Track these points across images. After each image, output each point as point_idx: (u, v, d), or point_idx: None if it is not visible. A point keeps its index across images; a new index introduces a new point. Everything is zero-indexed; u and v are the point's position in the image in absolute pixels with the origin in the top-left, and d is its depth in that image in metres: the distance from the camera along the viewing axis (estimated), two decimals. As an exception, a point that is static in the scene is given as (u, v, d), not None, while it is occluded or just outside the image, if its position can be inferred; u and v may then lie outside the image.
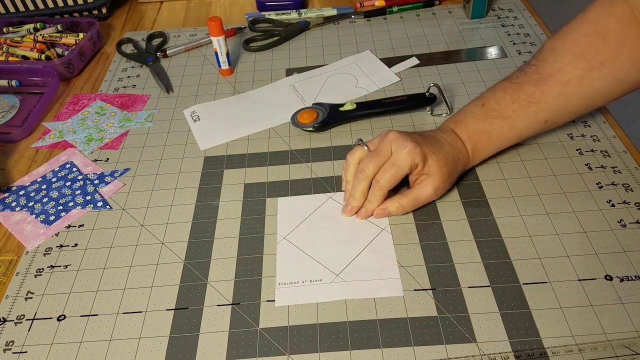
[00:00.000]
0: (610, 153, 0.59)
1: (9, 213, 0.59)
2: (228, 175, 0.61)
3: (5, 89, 0.77)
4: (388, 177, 0.52)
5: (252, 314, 0.47)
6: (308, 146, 0.64)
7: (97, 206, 0.59)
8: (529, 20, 0.82)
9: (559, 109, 0.54)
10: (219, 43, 0.73)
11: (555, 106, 0.54)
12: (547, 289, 0.47)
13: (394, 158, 0.52)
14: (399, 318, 0.46)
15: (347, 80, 0.74)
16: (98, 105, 0.73)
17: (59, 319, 0.48)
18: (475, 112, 0.56)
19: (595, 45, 0.52)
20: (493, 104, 0.55)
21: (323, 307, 0.47)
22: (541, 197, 0.55)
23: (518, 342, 0.43)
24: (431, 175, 0.53)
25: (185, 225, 0.55)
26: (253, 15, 0.89)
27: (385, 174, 0.52)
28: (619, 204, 0.53)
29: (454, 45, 0.78)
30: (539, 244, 0.51)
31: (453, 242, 0.52)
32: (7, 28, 0.86)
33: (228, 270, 0.51)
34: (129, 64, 0.81)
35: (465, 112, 0.57)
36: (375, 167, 0.52)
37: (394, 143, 0.52)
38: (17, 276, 0.52)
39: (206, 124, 0.68)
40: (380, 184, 0.52)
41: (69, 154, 0.66)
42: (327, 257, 0.51)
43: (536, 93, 0.54)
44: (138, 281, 0.51)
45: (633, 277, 0.47)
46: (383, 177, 0.52)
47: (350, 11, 0.87)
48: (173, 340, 0.46)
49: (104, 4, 0.90)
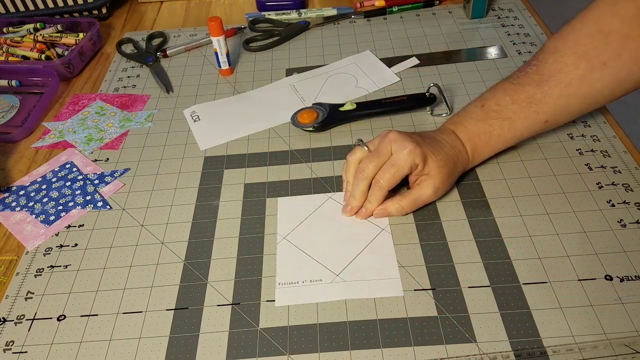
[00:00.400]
0: (610, 153, 0.59)
1: (9, 213, 0.59)
2: (228, 175, 0.61)
3: (5, 89, 0.77)
4: (388, 177, 0.52)
5: (252, 314, 0.47)
6: (308, 146, 0.64)
7: (97, 206, 0.59)
8: (529, 20, 0.82)
9: (559, 109, 0.54)
10: (219, 43, 0.73)
11: (556, 107, 0.54)
12: (547, 289, 0.47)
13: (394, 158, 0.52)
14: (399, 318, 0.46)
15: (347, 80, 0.74)
16: (98, 105, 0.73)
17: (59, 319, 0.48)
18: (475, 113, 0.56)
19: (598, 45, 0.51)
20: (493, 105, 0.55)
21: (323, 307, 0.47)
22: (541, 197, 0.55)
23: (518, 342, 0.43)
24: (431, 176, 0.53)
25: (185, 225, 0.55)
26: (253, 15, 0.89)
27: (385, 174, 0.52)
28: (619, 204, 0.53)
29: (454, 45, 0.78)
30: (539, 244, 0.51)
31: (453, 242, 0.52)
32: (7, 28, 0.86)
33: (228, 270, 0.51)
34: (129, 64, 0.81)
35: (465, 113, 0.57)
36: (375, 167, 0.52)
37: (394, 143, 0.52)
38: (17, 276, 0.52)
39: (206, 124, 0.68)
40: (380, 184, 0.52)
41: (69, 154, 0.66)
42: (327, 257, 0.51)
43: (537, 94, 0.53)
44: (138, 281, 0.51)
45: (633, 277, 0.47)
46: (383, 178, 0.52)
47: (350, 11, 0.87)
48: (173, 340, 0.46)
49: (104, 4, 0.90)
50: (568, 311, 0.45)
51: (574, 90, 0.53)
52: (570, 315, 0.45)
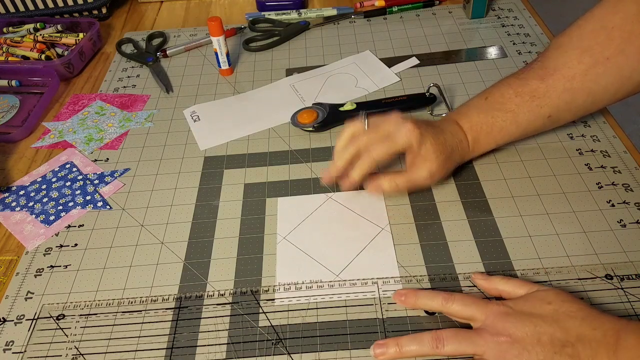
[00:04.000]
0: (610, 153, 0.59)
1: (9, 213, 0.59)
2: (228, 175, 0.61)
3: (5, 89, 0.77)
4: (379, 148, 0.51)
5: (252, 313, 0.47)
6: (308, 146, 0.64)
7: (97, 206, 0.59)
8: (529, 20, 0.82)
9: (563, 104, 0.54)
10: (219, 43, 0.73)
11: (559, 101, 0.54)
12: (547, 289, 0.47)
13: (391, 134, 0.52)
14: (399, 317, 0.46)
15: (347, 80, 0.74)
16: (98, 105, 0.73)
17: (59, 319, 0.48)
18: (478, 105, 0.56)
19: (601, 40, 0.52)
20: (497, 97, 0.55)
21: (323, 307, 0.47)
22: (541, 197, 0.55)
23: (518, 342, 0.43)
24: (428, 159, 0.52)
25: (185, 225, 0.55)
26: (253, 15, 0.89)
27: (377, 146, 0.51)
28: (619, 204, 0.53)
29: (454, 45, 0.78)
30: (539, 244, 0.51)
31: (453, 242, 0.52)
32: (7, 28, 0.86)
33: (228, 270, 0.51)
34: (129, 64, 0.81)
35: (469, 104, 0.57)
36: (369, 140, 0.52)
37: (394, 122, 0.52)
38: (17, 276, 0.52)
39: (206, 124, 0.68)
40: (369, 153, 0.52)
41: (69, 154, 0.66)
42: (327, 257, 0.51)
43: (540, 87, 0.54)
44: (138, 281, 0.51)
45: (633, 276, 0.47)
46: (374, 148, 0.51)
47: (350, 11, 0.87)
48: (173, 339, 0.46)
49: (104, 4, 0.90)
50: (568, 311, 0.45)
51: (577, 84, 0.53)
52: (570, 315, 0.45)
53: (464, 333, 0.42)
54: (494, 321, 0.41)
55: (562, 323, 0.39)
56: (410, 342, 0.42)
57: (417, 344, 0.42)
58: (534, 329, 0.39)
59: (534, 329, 0.39)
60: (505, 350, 0.39)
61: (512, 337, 0.40)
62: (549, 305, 0.41)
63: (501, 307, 0.42)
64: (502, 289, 0.45)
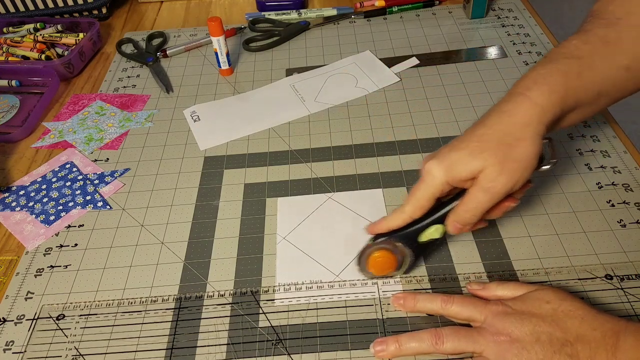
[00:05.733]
0: (610, 153, 0.59)
1: (9, 213, 0.59)
2: (228, 175, 0.61)
3: (5, 89, 0.77)
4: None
5: (252, 313, 0.47)
6: (308, 146, 0.64)
7: (97, 206, 0.59)
8: (529, 20, 0.82)
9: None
10: (219, 43, 0.73)
11: (635, 51, 0.45)
12: (547, 289, 0.47)
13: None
14: (399, 317, 0.46)
15: (347, 80, 0.74)
16: (98, 105, 0.73)
17: (59, 319, 0.48)
18: (541, 63, 0.46)
19: None
20: (561, 50, 0.46)
21: (323, 307, 0.47)
22: (541, 197, 0.55)
23: (518, 342, 0.43)
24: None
25: (185, 225, 0.55)
26: (253, 15, 0.89)
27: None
28: (619, 204, 0.53)
29: (454, 45, 0.78)
30: (539, 244, 0.51)
31: (453, 242, 0.52)
32: (7, 28, 0.86)
33: (228, 271, 0.51)
34: (129, 64, 0.81)
35: (530, 70, 0.46)
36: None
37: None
38: (17, 276, 0.52)
39: (206, 124, 0.68)
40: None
41: (69, 154, 0.66)
42: (327, 257, 0.51)
43: (610, 33, 0.45)
44: (138, 281, 0.51)
45: (633, 276, 0.47)
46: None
47: (350, 11, 0.87)
48: (173, 339, 0.46)
49: (104, 4, 0.90)
50: (568, 311, 0.45)
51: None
52: (570, 315, 0.45)
53: (463, 331, 0.42)
54: (493, 321, 0.41)
55: (561, 322, 0.40)
56: (410, 339, 0.42)
57: (416, 341, 0.42)
58: (533, 329, 0.39)
59: (533, 329, 0.39)
60: (504, 349, 0.39)
61: (511, 337, 0.40)
62: (547, 305, 0.41)
63: (500, 307, 0.42)
64: (501, 295, 0.45)
